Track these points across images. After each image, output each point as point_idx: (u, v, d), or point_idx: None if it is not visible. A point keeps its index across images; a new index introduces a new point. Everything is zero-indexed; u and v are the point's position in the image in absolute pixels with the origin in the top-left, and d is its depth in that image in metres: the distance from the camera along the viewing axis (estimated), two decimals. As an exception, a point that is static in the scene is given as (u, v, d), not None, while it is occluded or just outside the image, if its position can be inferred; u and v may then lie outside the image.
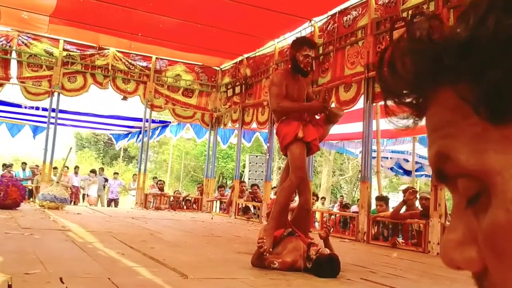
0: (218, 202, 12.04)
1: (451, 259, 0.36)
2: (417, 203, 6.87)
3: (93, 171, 16.11)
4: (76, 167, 15.29)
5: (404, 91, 0.39)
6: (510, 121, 0.32)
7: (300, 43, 4.17)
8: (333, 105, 8.00)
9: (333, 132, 4.52)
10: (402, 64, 0.38)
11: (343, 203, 12.02)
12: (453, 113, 0.35)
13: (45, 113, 11.24)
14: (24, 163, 15.27)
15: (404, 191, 7.06)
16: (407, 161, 14.05)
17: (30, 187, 11.34)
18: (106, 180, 15.70)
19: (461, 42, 0.34)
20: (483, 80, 0.32)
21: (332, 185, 25.80)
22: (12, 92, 11.07)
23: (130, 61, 11.56)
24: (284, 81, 4.12)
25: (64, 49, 10.91)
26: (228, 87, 11.41)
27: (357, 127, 9.20)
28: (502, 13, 0.32)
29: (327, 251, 3.71)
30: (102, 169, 17.09)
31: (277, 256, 3.79)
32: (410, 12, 6.50)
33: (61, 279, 2.71)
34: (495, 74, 0.32)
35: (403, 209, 6.70)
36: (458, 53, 0.34)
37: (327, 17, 8.44)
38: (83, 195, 15.48)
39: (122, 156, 29.72)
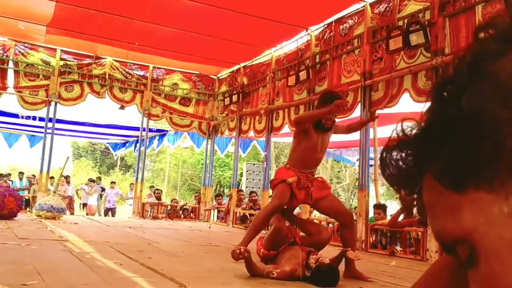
0: (216, 211, 12.01)
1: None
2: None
3: (92, 180, 16.07)
4: (68, 177, 15.20)
5: (404, 185, 0.45)
6: (470, 187, 0.38)
7: (330, 99, 4.11)
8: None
9: (330, 141, 4.53)
10: (392, 167, 0.45)
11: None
12: (433, 193, 0.41)
13: (42, 123, 11.22)
14: (21, 173, 15.23)
15: (402, 199, 7.05)
16: (404, 168, 14.06)
17: (27, 197, 11.30)
18: (103, 189, 15.66)
19: (420, 134, 0.42)
20: (439, 159, 0.39)
21: (329, 193, 25.76)
22: (9, 101, 11.06)
23: (127, 70, 11.58)
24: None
25: (61, 59, 10.91)
26: (225, 95, 11.42)
27: (354, 135, 9.21)
28: (444, 103, 0.41)
29: (327, 260, 3.70)
30: (99, 178, 17.05)
31: (275, 266, 3.78)
32: (406, 20, 6.53)
33: (58, 290, 2.70)
34: (446, 152, 0.39)
35: (401, 217, 6.70)
36: (420, 142, 0.41)
37: (323, 26, 8.48)
38: (82, 204, 15.42)
39: (119, 165, 29.69)
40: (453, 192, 0.39)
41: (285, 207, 4.28)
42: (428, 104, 0.43)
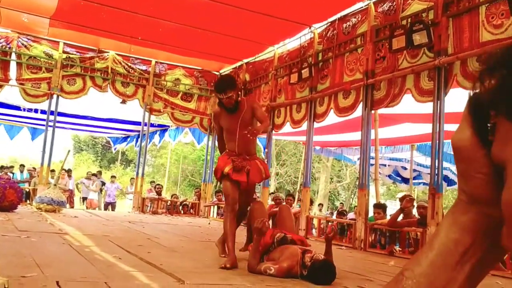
0: (216, 207, 12.02)
1: (505, 246, 0.46)
2: (414, 211, 6.88)
3: (94, 174, 16.07)
4: (69, 170, 15.20)
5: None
6: None
7: (215, 90, 4.61)
8: (331, 112, 8.03)
9: (331, 139, 4.61)
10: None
11: (340, 210, 12.00)
12: (499, 120, 0.44)
13: (44, 116, 11.22)
14: (22, 165, 15.25)
15: (401, 199, 7.07)
16: (405, 168, 14.06)
17: (28, 190, 11.32)
18: (104, 183, 15.67)
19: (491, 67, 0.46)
20: (502, 87, 0.42)
21: (329, 191, 25.80)
22: (11, 94, 11.06)
23: (129, 64, 11.57)
24: (219, 118, 4.72)
25: (64, 52, 10.90)
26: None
27: (355, 135, 9.23)
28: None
29: (321, 256, 3.72)
30: (99, 173, 17.06)
31: (273, 262, 3.79)
32: (409, 20, 6.51)
33: (57, 282, 2.71)
34: (506, 82, 0.42)
35: (400, 217, 6.70)
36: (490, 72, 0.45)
37: (326, 24, 8.46)
38: (82, 198, 15.43)
39: (120, 160, 29.71)
40: (509, 122, 0.42)
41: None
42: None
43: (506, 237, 0.43)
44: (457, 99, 5.96)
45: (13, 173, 14.25)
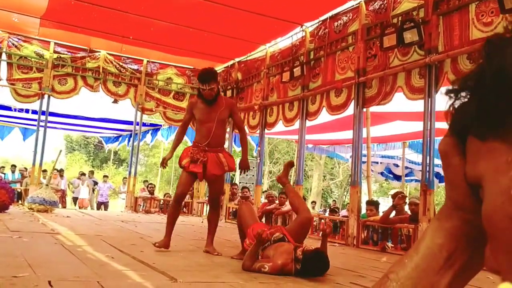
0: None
1: (486, 265, 0.46)
2: (406, 208, 6.92)
3: (83, 174, 16.00)
4: (61, 170, 15.12)
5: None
6: (490, 137, 0.42)
7: (198, 79, 4.76)
8: (324, 110, 8.05)
9: (324, 138, 4.66)
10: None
11: (331, 207, 12.03)
12: (468, 140, 0.45)
13: (35, 116, 11.16)
14: (13, 166, 15.15)
15: (393, 196, 7.11)
16: (397, 166, 14.14)
17: (19, 190, 11.26)
18: (96, 183, 15.61)
19: (459, 90, 0.46)
20: (470, 110, 0.44)
21: (322, 189, 25.87)
22: (1, 94, 10.99)
23: (121, 64, 11.53)
24: (191, 108, 4.90)
25: (55, 52, 10.85)
26: (220, 90, 11.39)
27: (347, 133, 9.26)
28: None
29: (312, 247, 3.77)
30: (91, 172, 17.00)
31: (267, 260, 3.80)
32: (400, 18, 6.55)
33: (49, 282, 2.70)
34: (473, 104, 0.43)
35: (393, 214, 6.74)
36: (459, 96, 0.46)
37: (318, 23, 8.48)
38: (73, 198, 15.36)
39: (112, 159, 29.59)
40: (478, 141, 0.43)
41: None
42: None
43: (491, 257, 0.44)
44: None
45: (4, 174, 14.17)
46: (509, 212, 0.40)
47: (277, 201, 9.21)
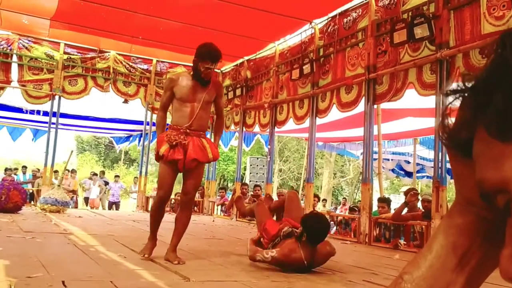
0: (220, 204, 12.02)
1: (506, 272, 0.41)
2: (419, 204, 6.87)
3: (95, 174, 16.08)
4: (73, 171, 15.22)
5: (454, 136, 0.47)
6: None
7: (205, 56, 4.08)
8: (334, 107, 8.01)
9: (334, 135, 4.59)
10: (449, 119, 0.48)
11: (350, 206, 11.95)
12: (482, 143, 0.42)
13: (46, 118, 11.21)
14: (24, 167, 15.27)
15: (405, 193, 7.06)
16: (408, 162, 14.05)
17: (31, 191, 11.34)
18: (107, 183, 15.69)
19: (474, 84, 0.43)
20: (491, 108, 0.40)
21: (333, 187, 25.79)
22: (13, 95, 11.07)
23: (130, 64, 11.57)
24: (172, 85, 4.15)
25: (65, 52, 10.91)
26: (229, 89, 11.40)
27: (358, 130, 9.22)
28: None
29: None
30: (102, 172, 17.09)
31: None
32: (410, 13, 6.49)
33: (63, 282, 2.71)
34: (497, 101, 0.39)
35: (405, 211, 6.70)
36: (476, 90, 0.43)
37: (327, 19, 8.44)
38: (84, 198, 15.45)
39: (123, 159, 29.74)
40: (499, 142, 0.40)
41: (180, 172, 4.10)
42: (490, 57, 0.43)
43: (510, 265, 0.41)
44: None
45: (16, 175, 14.28)
46: None
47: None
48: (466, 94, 0.44)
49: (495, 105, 0.39)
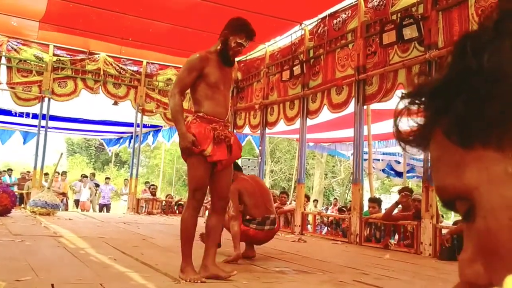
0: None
1: (464, 275, 0.41)
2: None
3: (85, 176, 16.00)
4: (64, 173, 15.14)
5: (414, 141, 0.45)
6: (478, 144, 0.38)
7: (240, 29, 3.48)
8: (325, 108, 8.04)
9: (325, 136, 4.58)
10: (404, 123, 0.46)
11: (339, 206, 12.00)
12: (440, 148, 0.41)
13: (36, 121, 11.13)
14: (10, 170, 15.23)
15: (399, 192, 7.08)
16: (399, 162, 14.12)
17: (20, 193, 11.25)
18: (98, 185, 15.61)
19: (433, 88, 0.42)
20: (451, 113, 0.39)
21: (324, 187, 25.84)
22: (1, 98, 10.99)
23: (120, 65, 11.53)
24: (202, 65, 3.43)
25: (54, 54, 10.85)
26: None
27: (348, 131, 9.24)
28: (458, 59, 0.40)
29: None
30: (93, 174, 16.99)
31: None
32: (399, 14, 6.53)
33: (52, 285, 2.70)
34: (458, 106, 0.38)
35: (396, 210, 6.73)
36: (435, 95, 0.41)
37: (317, 21, 8.47)
38: (74, 201, 15.36)
39: (114, 161, 29.59)
40: (459, 148, 0.39)
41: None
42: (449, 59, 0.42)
43: (479, 271, 0.40)
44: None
45: (3, 177, 14.19)
46: None
47: (277, 202, 9.19)
48: (423, 98, 0.43)
49: (455, 110, 0.38)
